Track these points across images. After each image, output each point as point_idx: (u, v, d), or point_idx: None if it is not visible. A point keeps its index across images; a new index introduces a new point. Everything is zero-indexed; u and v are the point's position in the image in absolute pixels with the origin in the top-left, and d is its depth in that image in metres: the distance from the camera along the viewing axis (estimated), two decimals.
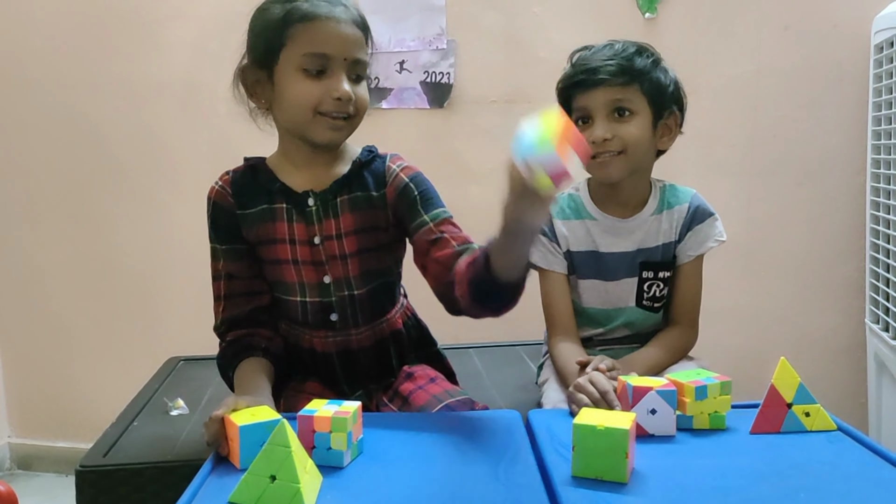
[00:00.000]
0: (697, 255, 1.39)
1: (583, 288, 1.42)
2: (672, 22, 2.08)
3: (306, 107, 1.15)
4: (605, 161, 1.31)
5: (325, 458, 0.92)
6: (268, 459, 0.82)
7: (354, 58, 1.16)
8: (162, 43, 2.18)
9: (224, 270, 1.25)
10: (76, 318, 2.32)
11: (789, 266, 2.16)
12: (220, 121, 2.17)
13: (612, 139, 1.30)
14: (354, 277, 1.23)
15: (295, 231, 1.22)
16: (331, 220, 1.22)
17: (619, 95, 1.30)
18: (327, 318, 1.25)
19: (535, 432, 1.04)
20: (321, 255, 1.22)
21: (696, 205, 1.40)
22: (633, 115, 1.31)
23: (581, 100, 1.32)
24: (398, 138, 2.12)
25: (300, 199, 1.22)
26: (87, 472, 1.26)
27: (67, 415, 2.36)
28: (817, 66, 2.08)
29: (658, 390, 1.01)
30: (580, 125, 1.32)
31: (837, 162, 2.12)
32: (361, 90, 1.19)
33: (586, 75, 1.31)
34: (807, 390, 1.00)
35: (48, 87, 2.22)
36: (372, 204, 1.23)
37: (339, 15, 1.15)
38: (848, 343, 2.15)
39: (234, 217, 1.23)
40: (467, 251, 1.13)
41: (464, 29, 2.10)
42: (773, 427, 1.00)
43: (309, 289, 1.24)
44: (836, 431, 1.01)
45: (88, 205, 2.26)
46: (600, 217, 1.40)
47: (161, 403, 1.54)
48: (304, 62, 1.14)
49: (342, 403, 0.96)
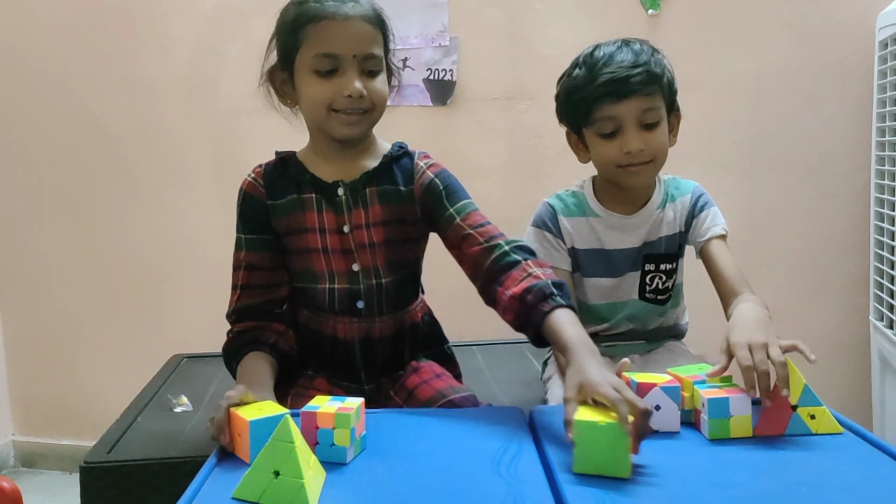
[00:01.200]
0: (717, 236, 1.35)
1: (588, 285, 1.42)
2: (675, 19, 2.07)
3: (320, 106, 1.18)
4: (636, 171, 1.31)
5: (329, 455, 0.92)
6: (272, 455, 0.82)
7: (365, 53, 1.18)
8: (165, 40, 2.18)
9: (245, 260, 1.26)
10: (80, 316, 2.33)
11: (792, 263, 2.16)
12: (223, 117, 2.18)
13: (645, 149, 1.29)
14: (382, 266, 1.25)
15: (325, 220, 1.23)
16: (360, 210, 1.24)
17: (648, 105, 1.29)
18: (354, 305, 1.26)
19: (539, 429, 1.04)
20: (350, 243, 1.24)
21: (699, 193, 1.41)
22: (658, 122, 1.31)
23: (608, 110, 1.29)
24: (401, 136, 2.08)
25: (330, 188, 1.24)
26: (92, 467, 1.26)
27: (71, 412, 2.36)
28: (820, 63, 2.08)
29: (662, 386, 1.00)
30: (607, 137, 1.30)
31: (841, 159, 2.11)
32: (377, 84, 1.20)
33: (616, 86, 1.27)
34: (812, 392, 0.99)
35: (51, 85, 2.23)
36: (400, 198, 1.25)
37: (348, 12, 1.17)
38: (851, 340, 2.14)
39: (265, 207, 1.25)
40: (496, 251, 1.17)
41: (466, 26, 2.10)
42: (777, 429, 0.99)
43: (338, 276, 1.25)
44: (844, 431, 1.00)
45: (92, 202, 2.27)
46: (605, 214, 1.40)
47: (165, 400, 1.54)
48: (315, 63, 1.17)
49: (345, 400, 0.96)
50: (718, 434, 0.98)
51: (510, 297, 1.11)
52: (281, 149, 1.30)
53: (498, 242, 1.18)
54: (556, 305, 1.07)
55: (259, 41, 1.27)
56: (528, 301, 1.09)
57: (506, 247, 1.17)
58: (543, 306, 1.07)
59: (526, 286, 1.10)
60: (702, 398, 0.99)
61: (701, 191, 1.42)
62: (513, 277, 1.13)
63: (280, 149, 1.30)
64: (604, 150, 1.32)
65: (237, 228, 1.28)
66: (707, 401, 0.98)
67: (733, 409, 0.97)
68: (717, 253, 1.34)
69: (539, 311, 1.08)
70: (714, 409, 0.98)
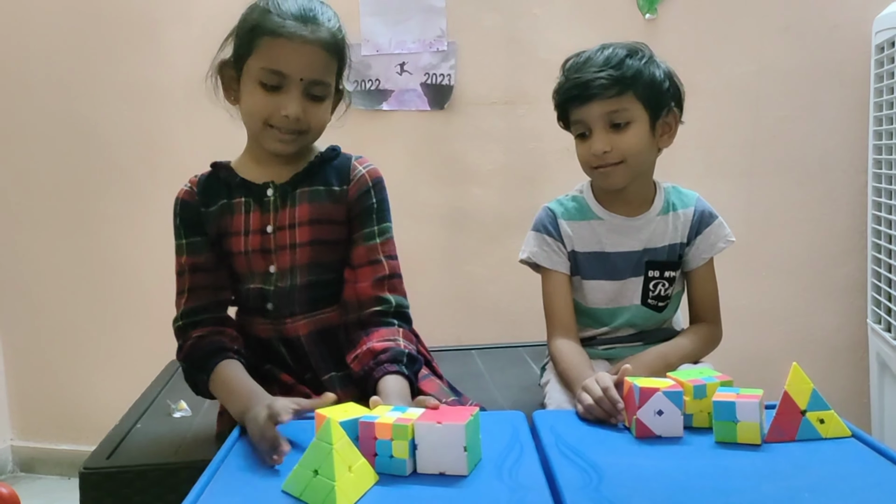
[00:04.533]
0: (710, 258, 1.41)
1: (588, 288, 1.42)
2: (672, 23, 2.07)
3: (258, 118, 1.21)
4: (606, 172, 1.33)
5: (388, 467, 0.91)
6: (314, 454, 0.83)
7: (312, 79, 1.19)
8: (162, 46, 2.18)
9: (188, 264, 1.27)
10: (78, 321, 2.32)
11: (790, 266, 2.16)
12: (221, 124, 2.14)
13: (610, 151, 1.31)
14: (301, 268, 1.26)
15: (250, 221, 1.25)
16: (286, 210, 1.25)
17: (613, 107, 1.30)
18: (263, 306, 1.27)
19: (540, 433, 1.04)
20: (271, 243, 1.25)
21: (702, 209, 1.41)
22: (629, 124, 1.31)
23: (577, 113, 1.33)
24: (399, 140, 2.13)
25: (259, 190, 1.25)
26: (91, 473, 1.25)
27: (70, 417, 2.35)
28: (818, 67, 2.08)
29: (665, 391, 1.00)
30: (581, 138, 1.34)
31: (838, 162, 2.11)
32: (317, 110, 1.22)
33: (579, 90, 1.30)
34: (820, 396, 0.99)
35: (49, 90, 2.23)
36: (332, 197, 1.26)
37: (305, 35, 1.18)
38: (850, 343, 2.14)
39: (199, 214, 1.27)
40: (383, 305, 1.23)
41: (464, 31, 2.10)
42: (789, 435, 0.98)
43: (254, 277, 1.27)
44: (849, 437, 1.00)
45: (90, 207, 2.27)
46: (606, 216, 1.40)
47: (164, 405, 1.54)
48: (261, 75, 1.19)
49: (405, 410, 0.95)
50: (724, 437, 0.98)
51: (368, 350, 1.19)
52: None
53: (389, 299, 1.24)
54: (399, 372, 1.15)
55: None
56: (379, 358, 1.17)
57: (392, 308, 1.23)
58: (389, 367, 1.15)
59: (385, 346, 1.18)
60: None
61: (703, 204, 1.42)
62: (380, 333, 1.21)
63: None
64: (579, 150, 1.36)
65: (176, 237, 1.29)
66: (713, 403, 0.98)
67: (740, 414, 0.97)
68: (703, 276, 1.42)
69: (384, 369, 1.15)
70: (720, 411, 0.98)
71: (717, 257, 1.42)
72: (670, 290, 1.42)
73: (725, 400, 0.98)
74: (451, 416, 0.92)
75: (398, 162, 2.08)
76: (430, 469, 0.90)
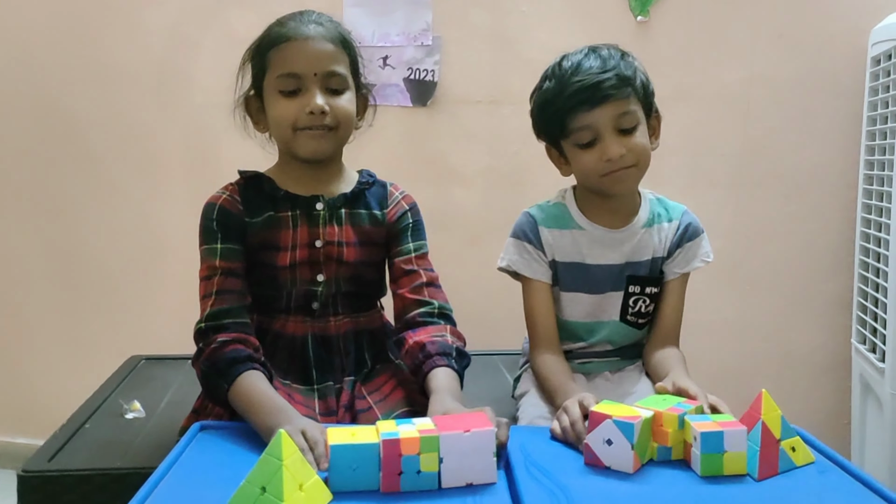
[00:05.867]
0: (683, 273, 1.36)
1: (566, 300, 1.37)
2: (664, 26, 2.03)
3: (285, 125, 1.22)
4: (619, 176, 1.27)
5: (417, 483, 0.87)
6: (262, 470, 0.79)
7: (326, 71, 1.22)
8: (138, 28, 2.11)
9: (221, 268, 1.23)
10: (37, 310, 2.25)
11: (775, 281, 2.13)
12: (196, 110, 2.11)
13: (626, 154, 1.25)
14: (346, 278, 1.28)
15: (297, 237, 1.25)
16: (334, 227, 1.27)
17: (623, 109, 1.25)
18: (308, 305, 1.28)
19: (509, 451, 1.00)
20: (319, 256, 1.26)
21: (688, 222, 1.37)
22: (636, 126, 1.26)
23: (583, 119, 1.24)
24: (379, 136, 2.04)
25: (308, 202, 1.26)
26: (31, 477, 1.20)
27: (23, 410, 2.27)
28: (811, 77, 2.05)
29: (616, 419, 0.93)
30: (585, 147, 1.26)
31: (828, 176, 2.08)
32: (340, 101, 1.23)
33: (588, 94, 1.23)
34: (787, 422, 0.95)
35: (18, 71, 2.15)
36: (373, 221, 1.30)
37: (309, 33, 1.22)
38: (833, 362, 2.12)
39: (243, 223, 1.25)
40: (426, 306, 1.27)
41: (450, 25, 2.05)
42: (773, 469, 0.92)
43: (299, 282, 1.26)
44: (822, 460, 0.96)
45: (55, 193, 2.19)
46: (588, 227, 1.35)
47: (116, 405, 1.47)
48: (279, 84, 1.22)
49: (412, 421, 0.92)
50: (711, 470, 0.92)
51: (415, 343, 1.22)
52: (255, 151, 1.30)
53: (431, 301, 1.27)
54: (448, 365, 1.18)
55: (237, 32, 1.26)
56: (427, 350, 1.19)
57: (436, 309, 1.27)
58: (438, 360, 1.18)
59: (432, 340, 1.21)
60: (693, 431, 0.93)
61: (690, 217, 1.38)
62: (427, 330, 1.24)
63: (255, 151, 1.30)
64: (584, 160, 1.28)
65: (209, 240, 1.24)
66: (700, 434, 0.92)
67: (728, 444, 0.91)
68: (673, 291, 1.37)
69: (433, 362, 1.18)
70: (707, 443, 0.92)
71: (699, 269, 1.37)
72: (651, 307, 1.37)
73: (713, 430, 0.92)
74: (471, 423, 0.90)
75: (376, 159, 1.97)
76: (456, 482, 0.88)
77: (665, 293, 1.37)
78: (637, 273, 1.35)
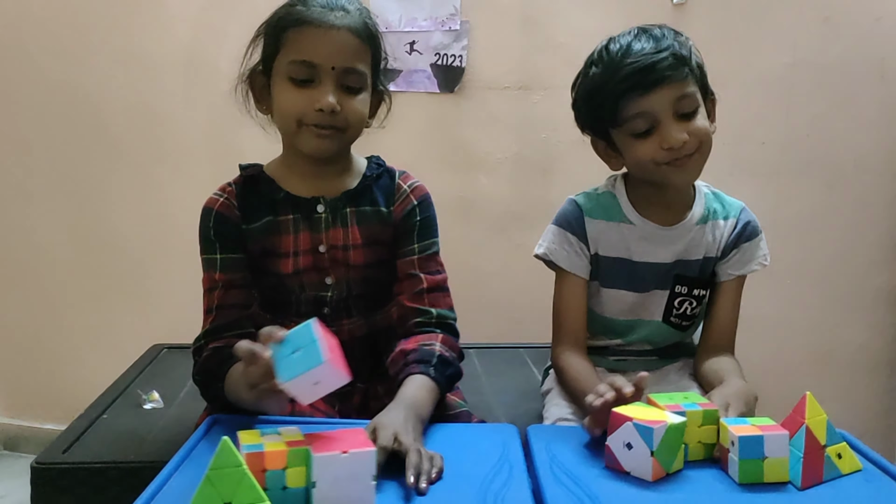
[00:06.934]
0: (739, 276, 1.28)
1: (606, 297, 1.30)
2: (703, 8, 1.97)
3: (291, 117, 1.13)
4: (682, 164, 1.17)
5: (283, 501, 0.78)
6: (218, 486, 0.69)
7: (345, 66, 1.12)
8: (163, 16, 2.11)
9: (222, 281, 1.17)
10: (68, 298, 2.27)
11: (817, 275, 2.08)
12: (221, 98, 2.04)
13: (689, 140, 1.15)
14: (356, 280, 1.21)
15: (299, 242, 1.18)
16: (339, 230, 1.19)
17: (682, 91, 1.15)
18: (320, 310, 1.20)
19: (533, 452, 0.96)
20: (325, 262, 1.19)
21: (746, 220, 1.29)
22: (697, 107, 1.17)
23: (638, 105, 1.15)
24: (406, 123, 2.04)
25: (308, 205, 1.19)
26: (44, 469, 1.19)
27: (55, 396, 2.30)
28: (857, 62, 1.99)
29: (636, 423, 0.87)
30: (641, 136, 1.17)
31: (874, 164, 2.03)
32: (354, 102, 1.14)
33: (642, 76, 1.13)
34: (833, 427, 0.88)
35: (45, 60, 2.17)
36: (380, 218, 1.22)
37: (333, 21, 1.11)
38: (877, 361, 2.06)
39: (241, 231, 1.18)
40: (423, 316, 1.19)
41: (478, 9, 2.01)
42: (818, 477, 0.86)
43: (307, 287, 1.20)
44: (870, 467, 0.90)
45: (83, 180, 2.21)
46: (638, 223, 1.26)
47: (135, 395, 1.45)
48: (290, 70, 1.12)
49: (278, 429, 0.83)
50: (750, 478, 0.86)
51: (400, 350, 1.15)
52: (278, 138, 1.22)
53: (430, 310, 1.19)
54: (423, 373, 1.09)
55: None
56: (408, 358, 1.12)
57: (433, 318, 1.19)
58: (413, 367, 1.10)
59: (416, 348, 1.13)
60: (731, 435, 0.87)
61: (748, 216, 1.30)
62: (416, 339, 1.16)
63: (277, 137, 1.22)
64: (640, 150, 1.18)
65: (208, 250, 1.19)
66: (738, 438, 0.86)
67: (768, 450, 0.85)
68: (728, 293, 1.29)
69: (408, 370, 1.10)
70: (746, 448, 0.85)
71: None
72: (697, 310, 1.30)
73: (752, 434, 0.86)
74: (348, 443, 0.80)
75: (403, 146, 1.98)
76: None
77: (718, 296, 1.29)
78: (686, 273, 1.27)
